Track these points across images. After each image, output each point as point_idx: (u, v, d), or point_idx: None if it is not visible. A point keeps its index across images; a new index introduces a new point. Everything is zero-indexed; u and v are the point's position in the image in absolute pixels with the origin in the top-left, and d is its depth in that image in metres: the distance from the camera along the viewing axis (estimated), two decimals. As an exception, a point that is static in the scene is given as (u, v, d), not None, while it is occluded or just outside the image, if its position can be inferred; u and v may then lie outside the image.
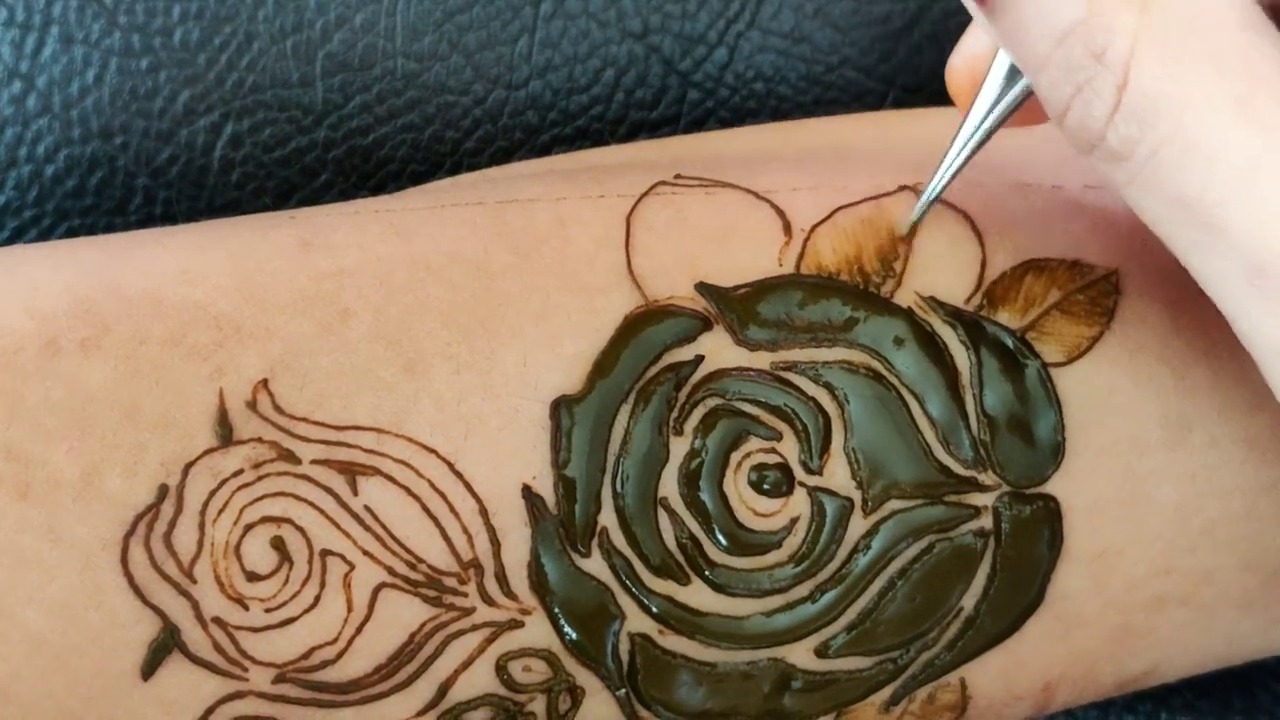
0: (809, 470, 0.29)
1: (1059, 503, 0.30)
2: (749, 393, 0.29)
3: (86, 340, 0.28)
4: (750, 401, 0.29)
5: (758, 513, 0.29)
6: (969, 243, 0.31)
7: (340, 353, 0.28)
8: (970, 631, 0.30)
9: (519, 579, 0.28)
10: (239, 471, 0.27)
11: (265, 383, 0.28)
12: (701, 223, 0.30)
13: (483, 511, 0.28)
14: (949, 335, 0.30)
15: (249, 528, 0.27)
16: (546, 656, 0.29)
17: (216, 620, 0.27)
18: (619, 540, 0.29)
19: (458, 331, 0.29)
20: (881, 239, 0.30)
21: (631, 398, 0.29)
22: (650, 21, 0.39)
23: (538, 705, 0.29)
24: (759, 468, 0.29)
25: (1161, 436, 0.30)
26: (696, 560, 0.29)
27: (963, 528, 0.30)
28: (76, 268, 0.29)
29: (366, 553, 0.28)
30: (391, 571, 0.28)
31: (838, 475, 0.29)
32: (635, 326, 0.29)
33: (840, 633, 0.30)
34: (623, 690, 0.29)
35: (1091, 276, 0.31)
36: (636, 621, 0.29)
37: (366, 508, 0.28)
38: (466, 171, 0.38)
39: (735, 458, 0.29)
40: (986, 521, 0.30)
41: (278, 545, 0.28)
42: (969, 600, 0.30)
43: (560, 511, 0.28)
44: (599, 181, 0.32)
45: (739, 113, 0.40)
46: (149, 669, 0.27)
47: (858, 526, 0.29)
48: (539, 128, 0.39)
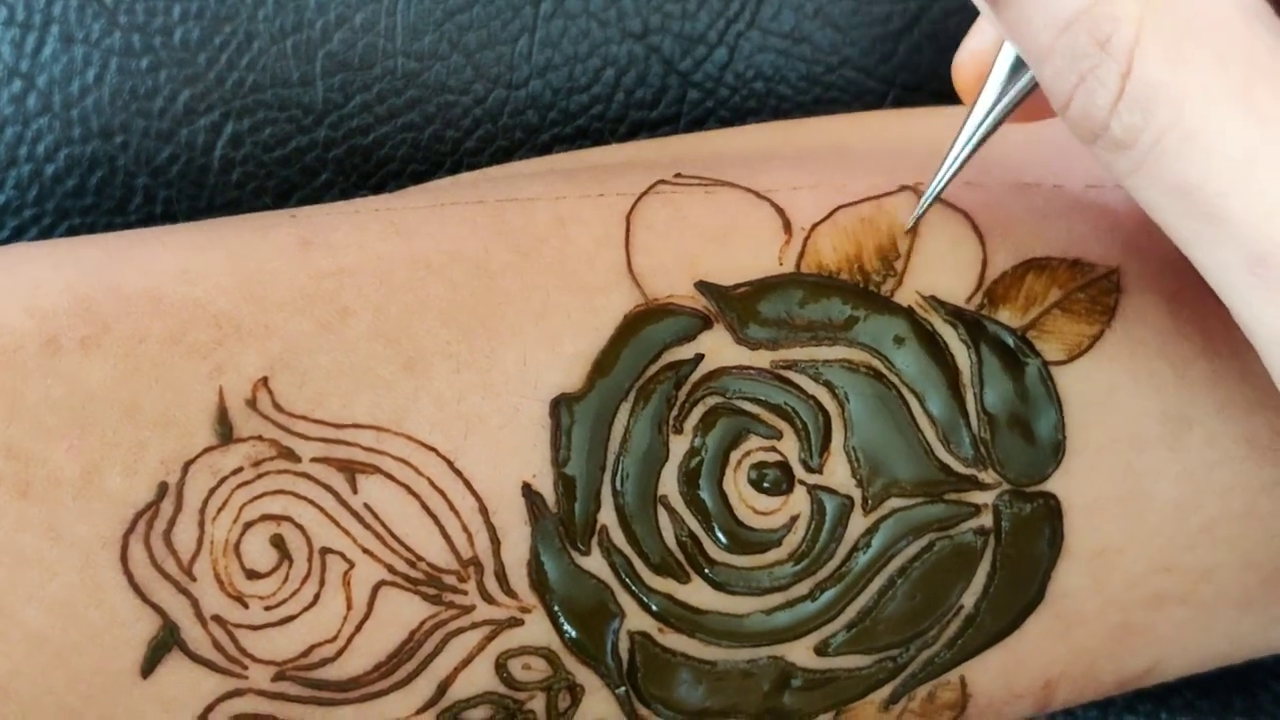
0: (809, 468, 0.29)
1: (1059, 501, 0.30)
2: (749, 391, 0.29)
3: (86, 338, 0.28)
4: (750, 400, 0.29)
5: (757, 511, 0.29)
6: (970, 242, 0.31)
7: (340, 351, 0.28)
8: (970, 629, 0.30)
9: (519, 577, 0.28)
10: (239, 469, 0.27)
11: (265, 381, 0.28)
12: (701, 221, 0.30)
13: (482, 510, 0.28)
14: (949, 334, 0.30)
15: (249, 526, 0.27)
16: (546, 654, 0.29)
17: (216, 618, 0.27)
18: (619, 538, 0.29)
19: (458, 330, 0.29)
20: (882, 238, 0.30)
21: (631, 396, 0.29)
22: (650, 21, 0.39)
23: (537, 703, 0.29)
24: (759, 466, 0.29)
25: (1161, 434, 0.30)
26: (696, 558, 0.29)
27: (963, 526, 0.30)
28: (77, 266, 0.29)
29: (366, 551, 0.28)
30: (391, 569, 0.28)
31: (838, 473, 0.29)
32: (635, 325, 0.29)
33: (840, 631, 0.30)
34: (622, 688, 0.29)
35: (1092, 275, 0.31)
36: (636, 619, 0.29)
37: (366, 506, 0.28)
38: (467, 171, 0.38)
39: (735, 456, 0.29)
40: (986, 519, 0.30)
41: (277, 543, 0.28)
42: (969, 598, 0.30)
43: (560, 510, 0.28)
44: (599, 180, 0.32)
45: (739, 112, 0.40)
46: (149, 667, 0.27)
47: (858, 525, 0.29)
48: (539, 127, 0.39)
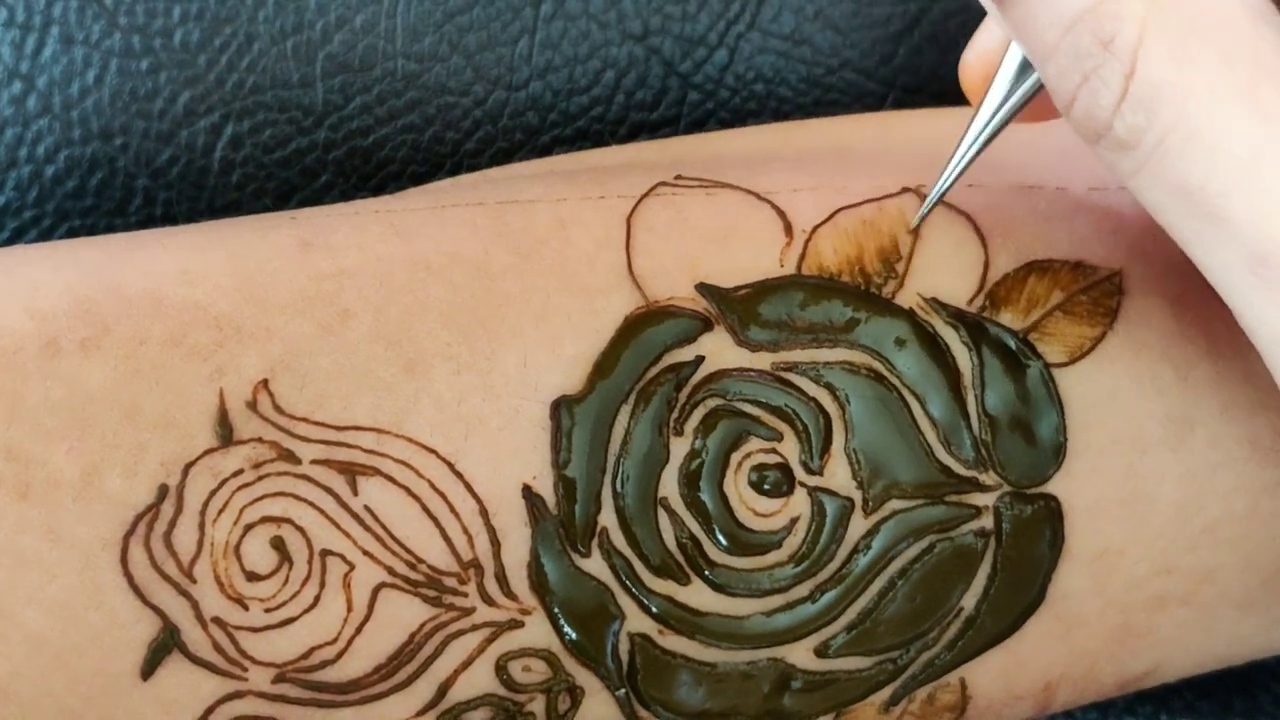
0: (809, 470, 0.29)
1: (1060, 502, 0.30)
2: (750, 393, 0.29)
3: (87, 340, 0.28)
4: (751, 402, 0.29)
5: (758, 513, 0.29)
6: (972, 244, 0.31)
7: (340, 353, 0.28)
8: (970, 631, 0.30)
9: (519, 579, 0.28)
10: (239, 471, 0.27)
11: (265, 383, 0.28)
12: (702, 224, 0.30)
13: (483, 512, 0.28)
14: (951, 336, 0.30)
15: (249, 528, 0.27)
16: (546, 656, 0.28)
17: (216, 620, 0.27)
18: (619, 540, 0.28)
19: (458, 332, 0.29)
20: (883, 239, 0.30)
21: (632, 398, 0.29)
22: (650, 23, 0.39)
23: (537, 705, 0.29)
24: (759, 468, 0.29)
25: (1164, 435, 0.30)
26: (696, 560, 0.29)
27: (963, 528, 0.30)
28: (77, 268, 0.29)
29: (366, 553, 0.28)
30: (391, 571, 0.28)
31: (838, 475, 0.29)
32: (636, 327, 0.29)
33: (840, 633, 0.30)
34: (622, 690, 0.29)
35: (1094, 278, 0.31)
36: (636, 621, 0.29)
37: (366, 508, 0.28)
38: (467, 172, 0.38)
39: (735, 458, 0.29)
40: (987, 521, 0.30)
41: (278, 545, 0.28)
42: (969, 600, 0.30)
43: (560, 512, 0.28)
44: (599, 182, 0.32)
45: (739, 114, 0.40)
46: (149, 669, 0.27)
47: (858, 526, 0.29)
48: (539, 129, 0.39)
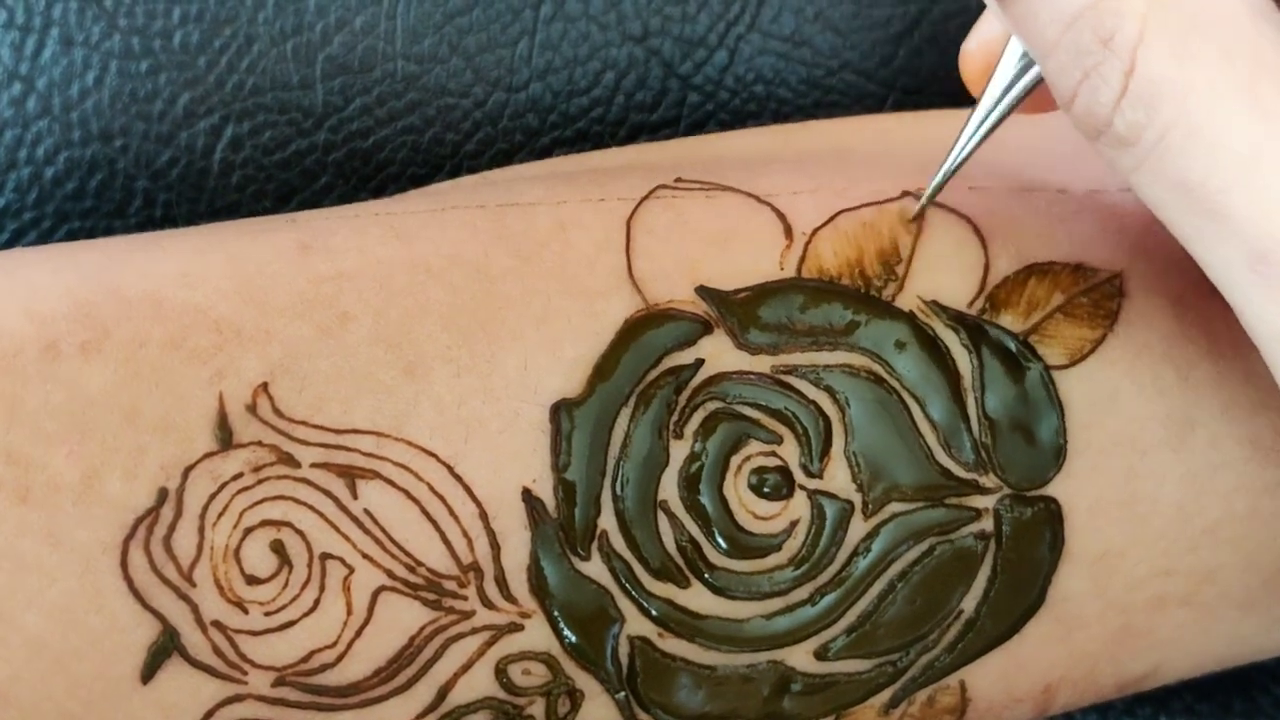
0: (809, 473, 0.29)
1: (1060, 504, 0.30)
2: (749, 396, 0.29)
3: (86, 343, 0.28)
4: (750, 405, 0.29)
5: (758, 516, 0.29)
6: (972, 246, 0.31)
7: (340, 356, 0.28)
8: (970, 634, 0.30)
9: (519, 582, 0.28)
10: (239, 475, 0.27)
11: (265, 386, 0.28)
12: (702, 226, 0.30)
13: (482, 515, 0.28)
14: (951, 339, 0.30)
15: (248, 531, 0.27)
16: (546, 660, 0.28)
17: (216, 624, 0.27)
18: (619, 543, 0.28)
19: (458, 335, 0.29)
20: (883, 242, 0.30)
21: (632, 401, 0.29)
22: (650, 24, 0.39)
23: (537, 708, 0.29)
24: (759, 471, 0.29)
25: (1165, 437, 0.30)
26: (696, 563, 0.29)
27: (963, 530, 0.30)
28: (76, 271, 0.29)
29: (366, 556, 0.28)
30: (391, 575, 0.28)
31: (838, 478, 0.29)
32: (635, 330, 0.29)
33: (840, 635, 0.29)
34: (622, 693, 0.29)
35: (1095, 280, 0.31)
36: (636, 624, 0.29)
37: (366, 511, 0.28)
38: (467, 174, 0.38)
39: (735, 461, 0.29)
40: (987, 524, 0.30)
41: (277, 549, 0.28)
42: (969, 602, 0.30)
43: (560, 515, 0.28)
44: (599, 184, 0.32)
45: (739, 116, 0.40)
46: (148, 672, 0.27)
47: (858, 529, 0.29)
48: (539, 130, 0.39)
